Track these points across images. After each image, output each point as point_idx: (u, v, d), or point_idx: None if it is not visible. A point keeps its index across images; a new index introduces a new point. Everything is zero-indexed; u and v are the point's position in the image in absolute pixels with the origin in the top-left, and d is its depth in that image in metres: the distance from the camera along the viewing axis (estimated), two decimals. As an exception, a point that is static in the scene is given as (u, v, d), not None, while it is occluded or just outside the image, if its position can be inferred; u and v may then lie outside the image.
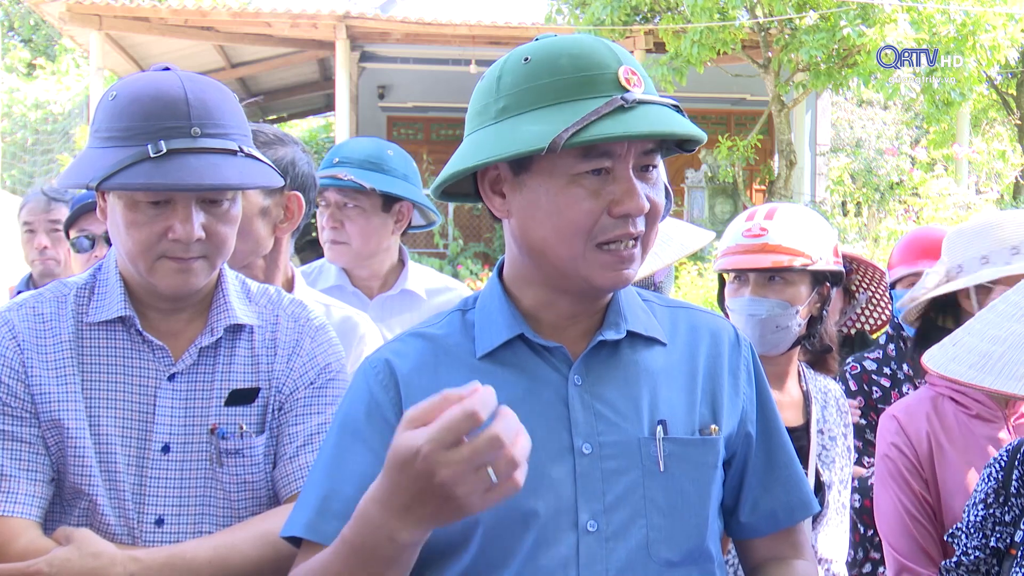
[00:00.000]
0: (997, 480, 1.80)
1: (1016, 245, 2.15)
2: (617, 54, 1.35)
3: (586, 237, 1.33)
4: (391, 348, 1.46)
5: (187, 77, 1.63)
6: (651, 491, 1.38)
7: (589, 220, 1.33)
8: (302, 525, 1.39)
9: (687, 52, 12.30)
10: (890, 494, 2.25)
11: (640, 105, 1.31)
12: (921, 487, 2.20)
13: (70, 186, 1.72)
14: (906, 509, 2.19)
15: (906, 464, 2.22)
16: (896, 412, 2.31)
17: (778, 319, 2.25)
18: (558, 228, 1.34)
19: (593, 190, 1.32)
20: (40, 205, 3.74)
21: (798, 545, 1.55)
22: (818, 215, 2.42)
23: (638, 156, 1.35)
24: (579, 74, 1.32)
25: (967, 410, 2.24)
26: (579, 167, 1.32)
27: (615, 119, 1.28)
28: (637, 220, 1.35)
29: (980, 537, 1.79)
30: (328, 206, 2.72)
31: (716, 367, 1.48)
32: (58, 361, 1.64)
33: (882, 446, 2.29)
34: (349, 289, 2.77)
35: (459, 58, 15.16)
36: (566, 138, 1.26)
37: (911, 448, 2.22)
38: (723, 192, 14.08)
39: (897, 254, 2.97)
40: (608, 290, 1.39)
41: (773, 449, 1.53)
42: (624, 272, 1.37)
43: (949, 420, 2.24)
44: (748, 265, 2.27)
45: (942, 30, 11.60)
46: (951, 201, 11.65)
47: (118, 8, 13.74)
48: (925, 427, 2.23)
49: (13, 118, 20.51)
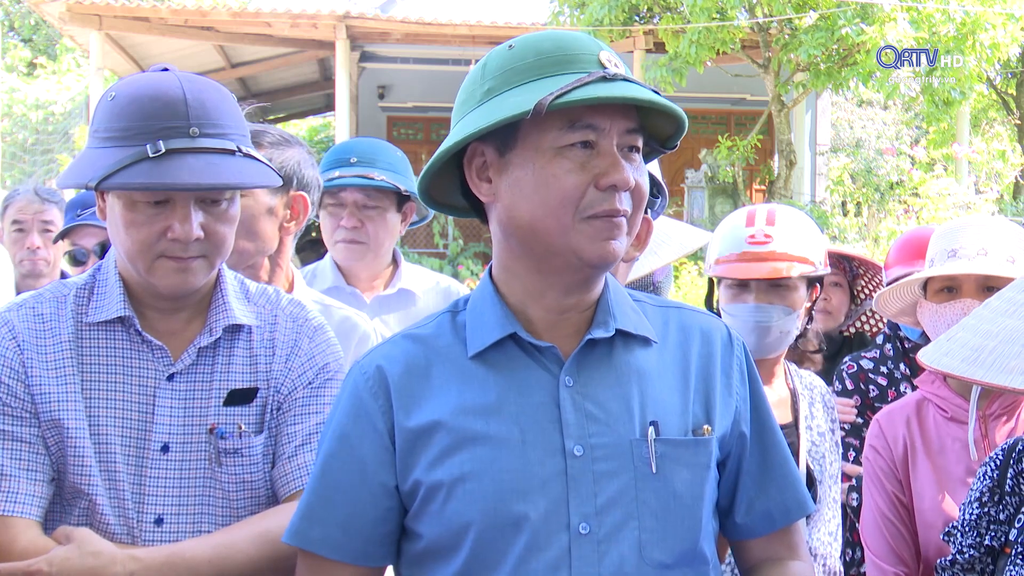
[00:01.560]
0: (992, 479, 1.81)
1: (955, 248, 2.25)
2: (599, 43, 1.39)
3: (574, 209, 1.35)
4: (382, 352, 1.46)
5: (186, 77, 1.63)
6: (643, 493, 1.37)
7: (576, 192, 1.34)
8: (292, 532, 1.43)
9: (686, 52, 12.31)
10: (868, 493, 2.29)
11: (621, 80, 1.34)
12: (895, 488, 2.24)
13: (69, 186, 1.72)
14: (879, 509, 2.24)
15: (882, 466, 2.26)
16: (880, 415, 2.36)
17: (782, 325, 2.27)
18: (546, 201, 1.35)
19: (579, 163, 1.34)
20: (32, 205, 3.70)
21: (794, 545, 1.54)
22: (809, 218, 2.44)
23: (621, 135, 1.36)
24: (561, 53, 1.36)
25: (944, 412, 2.26)
26: (564, 139, 1.34)
27: (597, 86, 1.32)
28: (623, 196, 1.36)
29: (975, 536, 1.79)
30: (344, 206, 2.70)
31: (709, 367, 1.47)
32: (58, 361, 1.64)
33: (865, 448, 2.34)
34: (347, 289, 2.77)
35: (459, 58, 15.16)
36: (550, 100, 1.29)
37: (887, 450, 2.27)
38: (723, 192, 14.08)
39: (893, 254, 2.98)
40: (597, 264, 1.38)
41: (767, 449, 1.52)
42: (611, 244, 1.36)
43: (928, 423, 2.27)
44: (756, 274, 2.25)
45: (942, 29, 11.62)
46: (951, 201, 11.66)
47: (118, 8, 13.75)
48: (903, 430, 2.27)
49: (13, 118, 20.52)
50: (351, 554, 1.41)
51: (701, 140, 15.19)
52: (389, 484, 1.40)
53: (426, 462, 1.38)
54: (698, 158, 14.21)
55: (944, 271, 2.24)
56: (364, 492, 1.40)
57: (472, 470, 1.35)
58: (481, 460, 1.36)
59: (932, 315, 2.29)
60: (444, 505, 1.36)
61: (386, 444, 1.40)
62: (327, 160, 2.75)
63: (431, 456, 1.38)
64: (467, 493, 1.35)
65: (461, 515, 1.35)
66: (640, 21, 13.73)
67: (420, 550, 1.41)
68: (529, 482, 1.34)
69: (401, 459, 1.39)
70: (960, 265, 2.22)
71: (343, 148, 2.80)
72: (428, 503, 1.38)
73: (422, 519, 1.39)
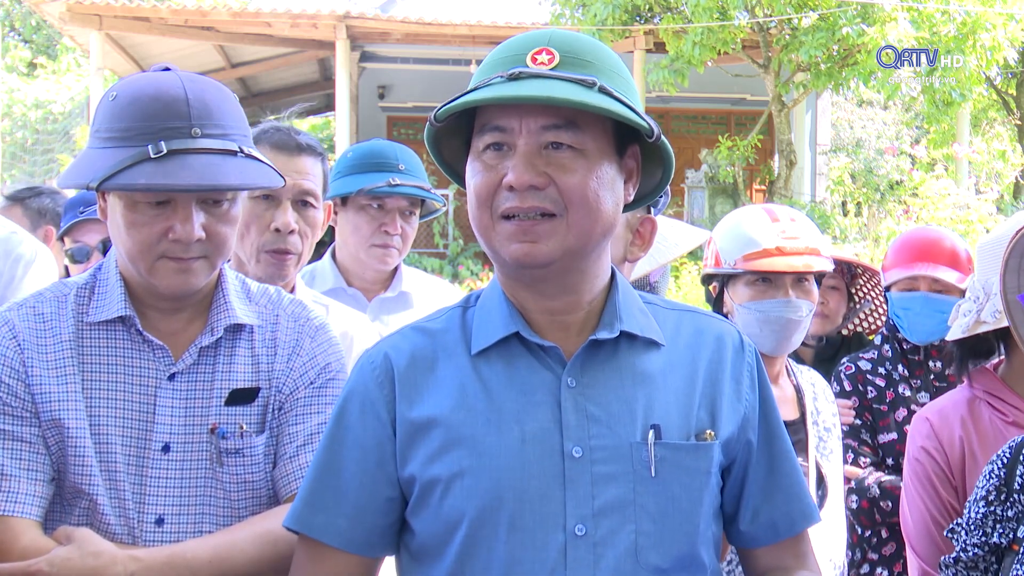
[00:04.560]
0: (999, 477, 1.80)
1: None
2: (542, 38, 1.38)
3: (488, 209, 1.37)
4: (390, 342, 1.48)
5: (187, 77, 1.63)
6: (641, 496, 1.37)
7: (484, 192, 1.37)
8: (293, 516, 1.44)
9: (688, 53, 12.31)
10: (917, 498, 2.17)
11: (530, 78, 1.33)
12: (949, 494, 2.13)
13: (70, 186, 1.72)
14: (931, 515, 2.13)
15: (935, 469, 2.15)
16: (929, 414, 2.23)
17: (808, 320, 2.33)
18: (471, 203, 1.40)
19: (489, 164, 1.37)
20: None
21: (801, 555, 1.53)
22: (808, 218, 2.46)
23: (538, 133, 1.35)
24: (500, 56, 1.39)
25: (1004, 416, 2.14)
26: (480, 142, 1.38)
27: (490, 89, 1.33)
28: (536, 195, 1.34)
29: (980, 535, 1.78)
30: (387, 211, 2.69)
31: (718, 372, 1.47)
32: (58, 361, 1.64)
33: (912, 448, 2.21)
34: (348, 291, 2.77)
35: (459, 58, 15.17)
36: (442, 109, 1.36)
37: (942, 453, 2.15)
38: (723, 192, 14.08)
39: (892, 256, 2.96)
40: (518, 264, 1.37)
41: (775, 457, 1.51)
42: (527, 246, 1.35)
43: (984, 425, 2.14)
44: (799, 268, 2.27)
45: (942, 29, 11.62)
46: (950, 201, 11.66)
47: (118, 8, 13.76)
48: (959, 432, 2.14)
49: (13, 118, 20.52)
50: (352, 542, 1.41)
51: (701, 140, 15.19)
52: (391, 473, 1.41)
53: (424, 456, 1.38)
54: (698, 158, 14.22)
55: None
56: (367, 480, 1.41)
57: (470, 467, 1.36)
58: (479, 458, 1.36)
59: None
60: (441, 501, 1.37)
61: (389, 433, 1.41)
62: (363, 163, 2.72)
63: (430, 451, 1.38)
64: (464, 490, 1.36)
65: (457, 512, 1.36)
66: (641, 21, 13.73)
67: (416, 545, 1.41)
68: (526, 482, 1.35)
69: (401, 450, 1.40)
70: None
71: (385, 153, 2.75)
72: (425, 498, 1.39)
73: (419, 514, 1.40)
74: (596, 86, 1.33)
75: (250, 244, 2.20)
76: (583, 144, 1.35)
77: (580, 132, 1.35)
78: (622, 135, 1.41)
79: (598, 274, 1.45)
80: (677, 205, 14.01)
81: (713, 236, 2.46)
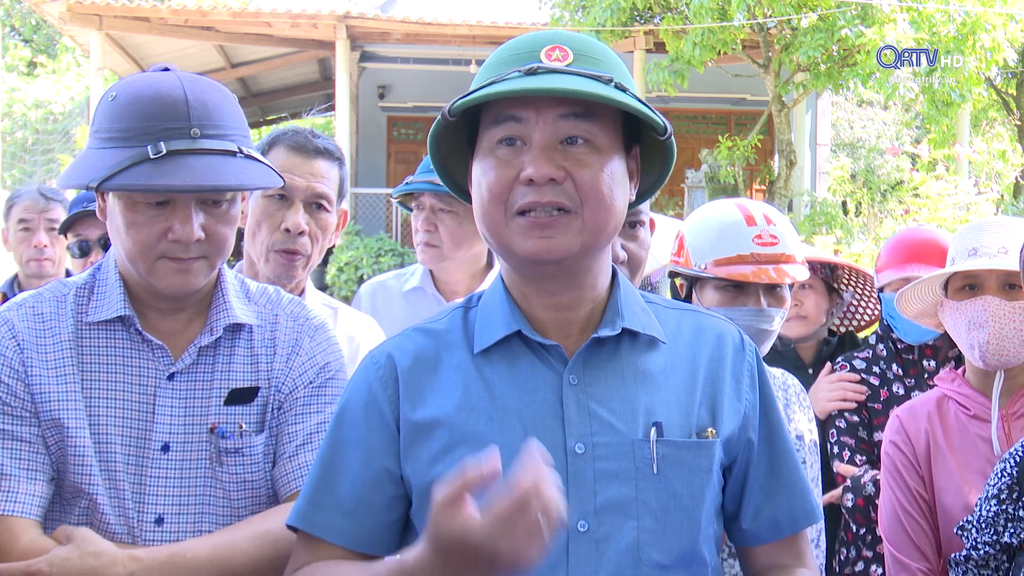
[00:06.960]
0: (1011, 476, 1.80)
1: (976, 246, 2.26)
2: (552, 37, 1.39)
3: (503, 205, 1.36)
4: (394, 343, 1.48)
5: (187, 78, 1.64)
6: (643, 493, 1.37)
7: (500, 188, 1.36)
8: (296, 514, 1.44)
9: (688, 53, 12.30)
10: (887, 488, 2.29)
11: (546, 73, 1.34)
12: (916, 483, 2.25)
13: (70, 186, 1.72)
14: (900, 504, 2.25)
15: (903, 461, 2.28)
16: (900, 412, 2.37)
17: (777, 329, 2.22)
18: (483, 199, 1.38)
19: (505, 159, 1.36)
20: (38, 204, 3.72)
21: (800, 553, 1.54)
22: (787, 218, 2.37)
23: (554, 121, 1.35)
24: (510, 53, 1.39)
25: (966, 410, 2.28)
26: (494, 136, 1.37)
27: (509, 82, 1.33)
28: (554, 189, 1.34)
29: (991, 533, 1.79)
30: (423, 210, 2.70)
31: (718, 370, 1.47)
32: (58, 360, 1.64)
33: (885, 443, 2.34)
34: (429, 292, 2.77)
35: (459, 58, 15.16)
36: (459, 102, 1.35)
37: (909, 445, 2.28)
38: (723, 192, 14.05)
39: (884, 257, 2.95)
40: (533, 260, 1.37)
41: (776, 456, 1.51)
42: (545, 241, 1.35)
43: (949, 420, 2.29)
44: (773, 278, 2.14)
45: (942, 30, 11.60)
46: (950, 201, 11.65)
47: (118, 8, 13.75)
48: (924, 425, 2.29)
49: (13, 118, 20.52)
50: (354, 540, 1.41)
51: (701, 140, 15.18)
52: (395, 472, 1.41)
53: (428, 457, 1.39)
54: (698, 158, 14.20)
55: (966, 267, 2.24)
56: (370, 479, 1.41)
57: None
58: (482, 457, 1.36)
59: (953, 313, 2.28)
60: None
61: (392, 433, 1.42)
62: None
63: (434, 450, 1.39)
64: None
65: None
66: (640, 21, 13.72)
67: (413, 539, 1.41)
68: None
69: (404, 450, 1.41)
70: (981, 262, 2.22)
71: None
72: (428, 498, 1.38)
73: (423, 513, 1.40)
74: (613, 82, 1.35)
75: (260, 243, 2.21)
76: (597, 138, 1.37)
77: (595, 124, 1.36)
78: (627, 134, 1.42)
79: (602, 270, 1.46)
80: (677, 205, 14.01)
81: (683, 230, 2.32)
